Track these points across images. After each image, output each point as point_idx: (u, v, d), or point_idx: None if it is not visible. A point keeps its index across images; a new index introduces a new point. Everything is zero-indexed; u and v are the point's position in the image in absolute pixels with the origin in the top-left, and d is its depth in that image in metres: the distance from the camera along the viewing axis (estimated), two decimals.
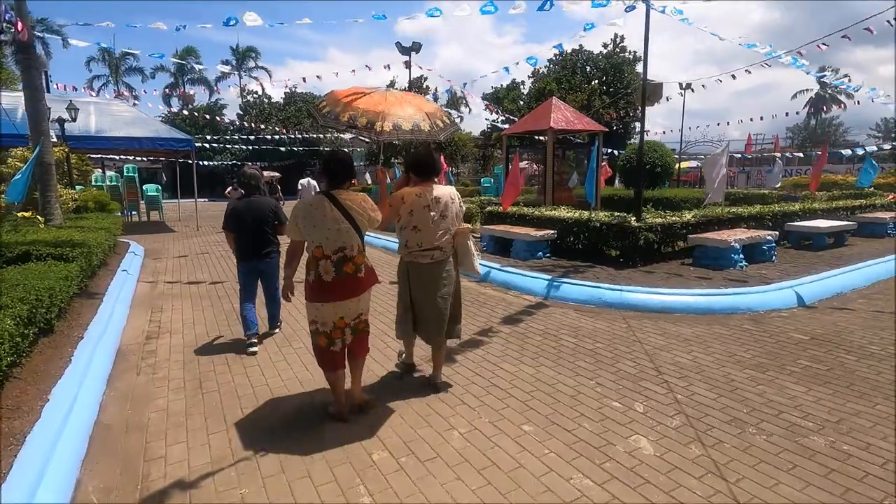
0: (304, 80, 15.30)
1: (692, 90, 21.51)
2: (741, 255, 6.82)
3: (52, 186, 7.89)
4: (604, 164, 16.54)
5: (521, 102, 28.31)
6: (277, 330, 4.85)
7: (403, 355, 3.86)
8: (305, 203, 2.87)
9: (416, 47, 14.63)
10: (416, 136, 2.97)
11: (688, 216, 7.58)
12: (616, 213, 7.47)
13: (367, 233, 3.29)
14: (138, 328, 5.05)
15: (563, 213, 8.05)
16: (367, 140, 31.14)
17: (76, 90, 16.80)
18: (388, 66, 13.76)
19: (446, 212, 3.20)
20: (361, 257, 2.90)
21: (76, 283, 5.08)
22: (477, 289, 6.56)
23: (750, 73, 13.83)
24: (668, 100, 22.48)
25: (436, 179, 3.30)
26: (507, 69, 13.91)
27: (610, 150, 20.81)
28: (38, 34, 29.39)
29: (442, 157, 11.01)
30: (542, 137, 15.22)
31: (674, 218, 7.35)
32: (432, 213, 3.15)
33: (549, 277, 6.23)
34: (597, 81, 28.45)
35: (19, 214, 6.94)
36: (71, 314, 4.94)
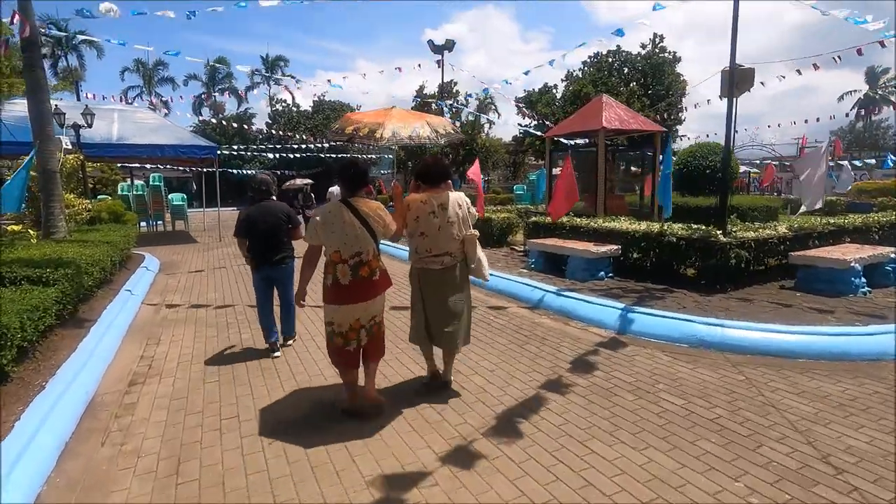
0: (329, 81, 14.55)
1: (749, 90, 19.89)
2: (863, 279, 5.49)
3: (57, 196, 7.20)
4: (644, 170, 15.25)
5: (556, 105, 27.05)
6: (291, 342, 4.62)
7: (426, 376, 3.65)
8: (324, 210, 3.00)
9: (449, 45, 13.67)
10: (415, 141, 3.40)
11: (782, 229, 6.28)
12: (694, 226, 6.24)
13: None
14: (124, 369, 4.13)
15: (627, 224, 6.86)
16: (392, 147, 30.57)
17: (105, 98, 16.56)
18: (420, 65, 12.88)
19: (453, 218, 3.20)
20: (376, 261, 3.02)
21: (53, 312, 4.22)
22: (530, 317, 5.45)
23: (818, 67, 12.40)
24: (708, 102, 20.93)
25: (448, 184, 3.30)
26: (551, 62, 12.86)
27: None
28: (75, 37, 29.97)
29: (477, 163, 9.97)
30: (577, 141, 14.08)
31: (768, 231, 6.06)
32: (438, 220, 3.16)
33: (623, 306, 5.06)
34: (635, 84, 26.94)
35: (9, 228, 6.23)
36: (44, 351, 4.08)
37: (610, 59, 29.34)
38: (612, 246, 6.48)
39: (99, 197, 17.01)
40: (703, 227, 6.06)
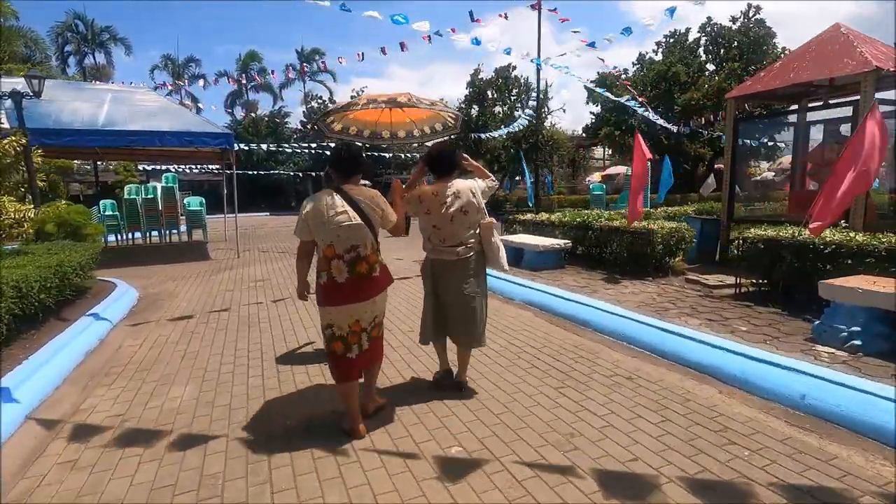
0: (359, 56, 11.10)
1: None
2: None
3: None
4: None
5: (638, 90, 22.82)
6: None
7: (437, 372, 3.42)
8: (314, 199, 2.64)
9: None
10: (410, 140, 3.63)
11: None
12: None
13: None
14: None
15: None
16: (441, 136, 27.00)
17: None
18: (506, 14, 9.14)
19: (467, 207, 3.00)
20: (375, 256, 2.67)
21: None
22: None
23: None
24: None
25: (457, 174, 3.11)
26: (627, 30, 9.30)
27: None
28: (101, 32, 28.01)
29: (639, 141, 6.23)
30: (769, 106, 10.03)
31: None
32: (451, 210, 2.98)
33: None
34: (736, 63, 22.33)
35: None
36: None
37: (695, 35, 24.87)
38: None
39: (102, 203, 14.23)
40: None
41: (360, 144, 2.83)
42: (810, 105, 6.87)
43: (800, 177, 7.19)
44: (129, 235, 13.73)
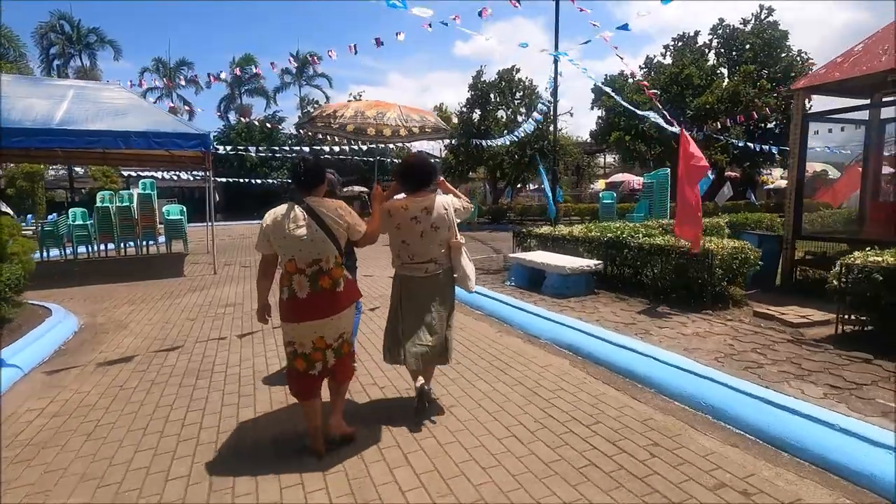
0: (352, 49, 9.97)
1: None
2: None
3: None
4: None
5: (657, 90, 21.79)
6: None
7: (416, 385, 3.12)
8: (275, 212, 2.56)
9: None
10: (378, 127, 3.86)
11: None
12: None
13: None
14: None
15: None
16: (433, 152, 26.10)
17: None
18: (518, 2, 8.04)
19: (438, 223, 2.89)
20: (339, 270, 2.58)
21: None
22: None
23: None
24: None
25: (442, 182, 3.06)
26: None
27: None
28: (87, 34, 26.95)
29: (689, 141, 5.07)
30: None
31: None
32: (421, 226, 2.88)
33: None
34: (752, 66, 21.32)
35: None
36: None
37: (705, 38, 23.92)
38: None
39: (72, 211, 13.04)
40: None
41: (318, 157, 2.02)
42: (886, 99, 5.74)
43: (873, 186, 6.05)
44: (102, 247, 12.55)
